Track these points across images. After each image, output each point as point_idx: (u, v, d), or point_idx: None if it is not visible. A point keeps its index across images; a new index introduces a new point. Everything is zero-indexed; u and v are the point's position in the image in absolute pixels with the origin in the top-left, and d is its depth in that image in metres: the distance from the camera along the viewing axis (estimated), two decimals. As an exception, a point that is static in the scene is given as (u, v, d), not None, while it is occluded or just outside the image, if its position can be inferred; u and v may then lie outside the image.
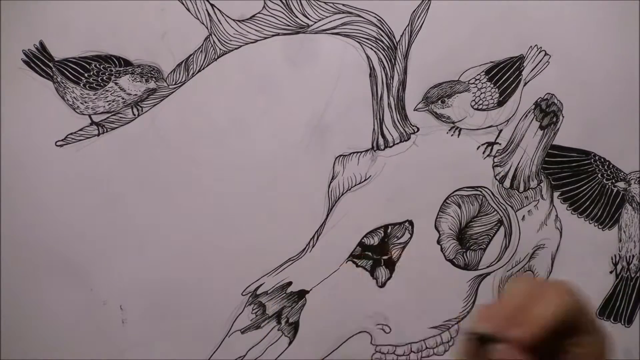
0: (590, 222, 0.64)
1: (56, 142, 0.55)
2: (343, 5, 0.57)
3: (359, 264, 0.61)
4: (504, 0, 0.59)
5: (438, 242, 0.62)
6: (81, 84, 0.54)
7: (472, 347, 0.33)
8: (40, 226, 0.56)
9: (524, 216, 0.63)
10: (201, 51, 0.56)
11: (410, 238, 0.61)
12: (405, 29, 0.58)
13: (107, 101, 0.55)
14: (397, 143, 0.60)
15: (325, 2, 0.57)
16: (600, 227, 0.64)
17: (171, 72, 0.56)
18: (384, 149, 0.60)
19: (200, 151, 0.57)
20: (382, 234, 0.61)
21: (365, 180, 0.60)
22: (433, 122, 0.60)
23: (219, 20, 0.55)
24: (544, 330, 0.31)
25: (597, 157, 0.63)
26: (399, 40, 0.58)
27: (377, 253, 0.61)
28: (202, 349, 0.59)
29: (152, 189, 0.57)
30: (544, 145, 0.62)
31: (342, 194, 0.60)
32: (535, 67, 0.60)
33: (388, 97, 0.59)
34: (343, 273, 0.61)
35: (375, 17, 0.57)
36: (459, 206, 0.62)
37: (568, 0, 0.60)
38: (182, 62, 0.56)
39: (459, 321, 0.63)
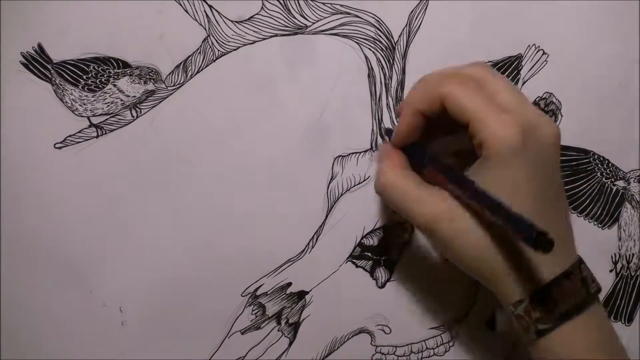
0: (590, 221, 0.64)
1: (55, 145, 0.55)
2: (341, 5, 0.57)
3: (359, 264, 0.61)
4: (501, 0, 0.59)
5: (437, 242, 0.62)
6: (80, 86, 0.54)
7: None
8: (40, 228, 0.56)
9: (523, 215, 0.62)
10: (199, 52, 0.56)
11: (410, 238, 0.61)
12: (403, 29, 0.58)
13: (106, 103, 0.55)
14: (396, 143, 0.60)
15: (323, 3, 0.57)
16: (599, 226, 0.64)
17: (169, 73, 0.56)
18: (382, 149, 0.60)
19: (199, 152, 0.57)
20: (382, 234, 0.61)
21: (364, 180, 0.60)
22: (432, 122, 0.60)
23: (217, 22, 0.55)
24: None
25: (596, 156, 0.63)
26: (397, 40, 0.58)
27: (376, 253, 0.61)
28: (202, 350, 0.59)
29: (152, 190, 0.57)
30: (543, 144, 0.61)
31: (342, 195, 0.60)
32: (533, 66, 0.60)
33: (386, 98, 0.59)
34: (343, 273, 0.61)
35: (373, 18, 0.58)
36: (459, 206, 0.62)
37: (566, 0, 0.60)
38: (180, 63, 0.56)
39: (459, 321, 0.63)
